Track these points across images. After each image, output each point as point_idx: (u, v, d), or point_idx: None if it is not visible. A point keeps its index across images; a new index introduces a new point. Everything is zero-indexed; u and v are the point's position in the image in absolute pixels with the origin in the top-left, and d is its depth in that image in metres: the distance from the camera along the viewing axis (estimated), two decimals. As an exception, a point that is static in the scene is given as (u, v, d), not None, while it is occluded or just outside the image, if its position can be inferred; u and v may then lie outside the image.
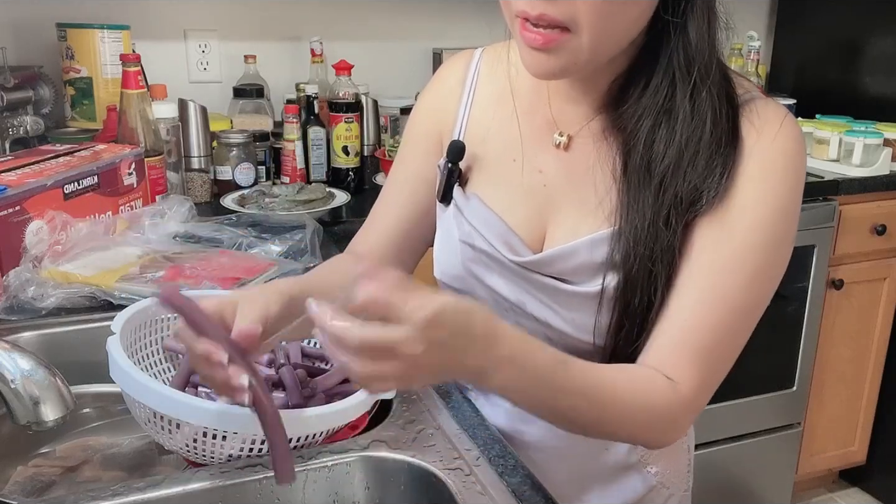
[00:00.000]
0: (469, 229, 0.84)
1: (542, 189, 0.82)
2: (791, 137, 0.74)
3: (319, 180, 1.84)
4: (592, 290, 0.77)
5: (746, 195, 0.73)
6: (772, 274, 0.76)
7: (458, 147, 0.85)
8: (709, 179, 0.72)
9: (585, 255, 0.77)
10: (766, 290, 0.76)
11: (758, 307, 0.76)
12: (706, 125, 0.72)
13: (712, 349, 0.74)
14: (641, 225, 0.73)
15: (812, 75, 2.58)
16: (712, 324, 0.73)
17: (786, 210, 0.74)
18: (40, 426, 0.70)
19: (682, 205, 0.73)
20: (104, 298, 1.09)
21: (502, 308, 0.85)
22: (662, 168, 0.73)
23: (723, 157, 0.72)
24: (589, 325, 0.78)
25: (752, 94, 0.76)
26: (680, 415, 0.74)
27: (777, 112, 0.75)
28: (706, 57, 0.72)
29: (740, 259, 0.73)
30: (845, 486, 2.48)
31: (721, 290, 0.73)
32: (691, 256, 0.74)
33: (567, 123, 0.81)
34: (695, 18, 0.71)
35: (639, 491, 0.90)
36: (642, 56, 0.74)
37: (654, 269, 0.73)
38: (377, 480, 0.78)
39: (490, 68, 0.88)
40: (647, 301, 0.75)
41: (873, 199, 2.10)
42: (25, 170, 1.19)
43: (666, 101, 0.73)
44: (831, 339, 2.19)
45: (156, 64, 1.89)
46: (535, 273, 0.80)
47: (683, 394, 0.73)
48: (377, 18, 2.19)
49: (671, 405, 0.73)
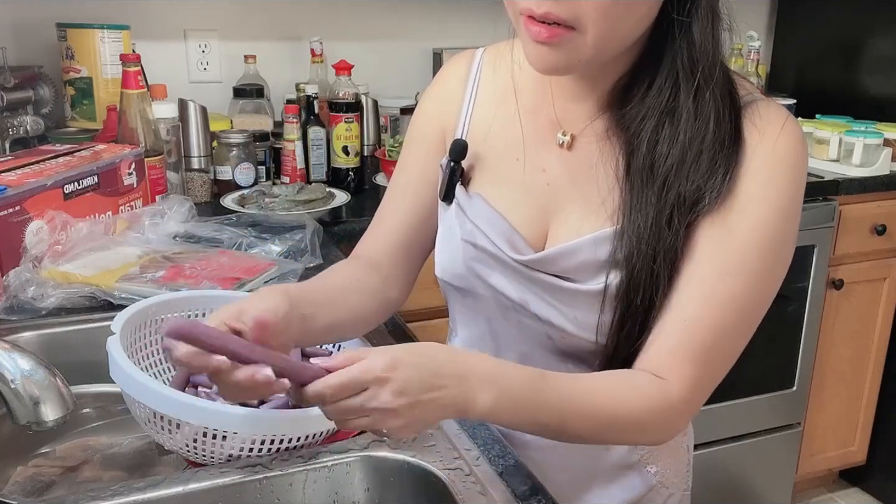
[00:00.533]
0: (471, 228, 0.84)
1: (545, 188, 0.82)
2: (793, 138, 0.74)
3: (319, 180, 1.84)
4: (595, 288, 0.77)
5: (749, 195, 0.73)
6: (773, 274, 0.76)
7: (461, 145, 0.85)
8: (711, 180, 0.72)
9: (588, 253, 0.78)
10: (768, 290, 0.76)
11: (759, 307, 0.76)
12: (709, 126, 0.72)
13: (711, 348, 0.74)
14: (644, 224, 0.73)
15: (812, 75, 2.58)
16: (712, 323, 0.74)
17: (788, 210, 0.74)
18: (40, 426, 0.71)
19: (684, 205, 0.73)
20: (104, 298, 1.10)
21: (504, 307, 0.85)
22: (665, 168, 0.73)
23: (725, 158, 0.73)
24: (591, 324, 0.78)
25: (755, 96, 0.76)
26: (672, 414, 0.74)
27: (779, 113, 0.75)
28: (710, 58, 0.72)
29: (742, 259, 0.73)
30: (845, 486, 2.48)
31: (722, 289, 0.73)
32: (693, 256, 0.74)
33: (571, 123, 0.81)
34: (699, 19, 0.71)
35: (639, 490, 0.90)
36: (646, 56, 0.74)
37: (657, 269, 0.74)
38: (377, 480, 0.78)
39: (492, 68, 0.88)
40: (648, 300, 0.75)
41: (873, 199, 2.10)
42: (25, 170, 1.19)
43: (669, 102, 0.73)
44: (831, 339, 2.19)
45: (156, 64, 1.89)
46: (537, 271, 0.81)
47: (676, 393, 0.73)
48: (377, 18, 2.19)
49: (661, 406, 0.73)
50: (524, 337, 0.85)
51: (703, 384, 0.75)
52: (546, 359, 0.85)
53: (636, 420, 0.74)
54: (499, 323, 0.87)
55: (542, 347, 0.85)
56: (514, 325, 0.85)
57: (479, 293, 0.86)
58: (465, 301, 0.89)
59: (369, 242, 0.94)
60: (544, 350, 0.85)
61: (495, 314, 0.86)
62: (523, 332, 0.85)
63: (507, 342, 0.87)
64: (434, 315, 1.60)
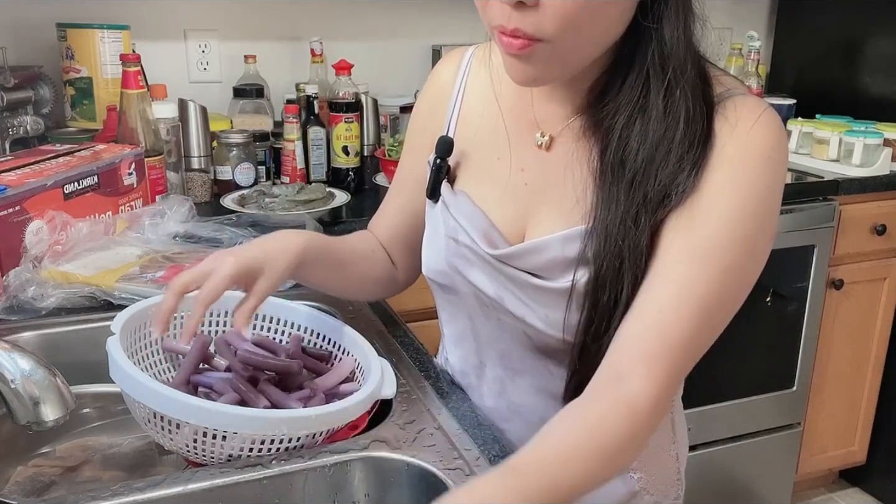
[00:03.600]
0: (454, 224, 0.85)
1: (523, 188, 0.83)
2: (768, 130, 0.73)
3: (319, 180, 1.84)
4: (563, 286, 0.77)
5: (717, 189, 0.72)
6: (746, 268, 0.74)
7: (446, 143, 0.86)
8: (679, 177, 0.72)
9: (557, 250, 0.78)
10: (740, 284, 0.74)
11: (729, 303, 0.74)
12: (679, 125, 0.72)
13: (677, 345, 0.71)
14: (613, 222, 0.73)
15: (812, 75, 2.58)
16: (680, 317, 0.71)
17: (760, 203, 0.73)
18: (40, 426, 0.71)
19: (651, 203, 0.72)
20: (104, 298, 1.10)
21: (484, 304, 0.85)
22: (636, 166, 0.73)
23: (693, 157, 0.72)
24: (560, 322, 0.78)
25: (733, 91, 0.75)
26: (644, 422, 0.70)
27: (755, 107, 0.74)
28: (682, 57, 0.72)
29: (709, 254, 0.71)
30: (845, 486, 2.48)
31: (689, 283, 0.71)
32: (660, 252, 0.73)
33: (549, 123, 0.82)
34: (670, 21, 0.71)
35: (620, 494, 0.89)
36: (622, 56, 0.74)
37: (622, 267, 0.73)
38: (377, 480, 0.78)
39: (480, 66, 0.89)
40: (615, 298, 0.74)
41: (873, 199, 2.10)
42: (25, 170, 1.19)
43: (640, 98, 0.73)
44: (831, 339, 2.19)
45: (156, 64, 1.89)
46: (509, 266, 0.81)
47: (643, 397, 0.69)
48: (377, 17, 2.19)
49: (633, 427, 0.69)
50: (504, 335, 0.86)
51: (671, 381, 0.72)
52: (524, 357, 0.85)
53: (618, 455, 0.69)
54: (479, 320, 0.88)
55: (520, 345, 0.85)
56: (493, 323, 0.86)
57: (460, 290, 0.87)
58: (448, 298, 0.90)
59: (375, 225, 1.02)
60: (523, 348, 0.85)
61: (476, 311, 0.87)
62: (503, 329, 0.85)
63: (487, 340, 0.88)
64: (434, 315, 1.60)
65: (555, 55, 0.69)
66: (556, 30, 0.67)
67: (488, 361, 0.89)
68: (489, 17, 0.70)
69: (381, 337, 1.03)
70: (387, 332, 1.05)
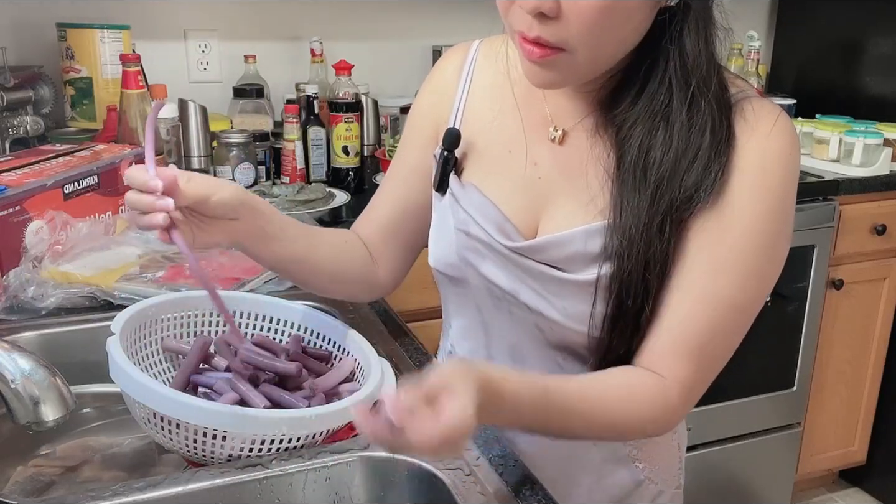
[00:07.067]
0: (465, 217, 0.85)
1: (536, 181, 0.83)
2: (785, 134, 0.74)
3: (319, 180, 1.84)
4: (586, 278, 0.78)
5: (741, 194, 0.73)
6: (767, 272, 0.76)
7: (454, 134, 0.86)
8: (706, 181, 0.73)
9: (580, 244, 0.78)
10: (762, 288, 0.76)
11: (753, 305, 0.76)
12: (705, 134, 0.73)
13: (705, 347, 0.75)
14: (636, 228, 0.74)
15: (812, 75, 2.58)
16: (706, 322, 0.74)
17: (781, 208, 0.75)
18: (40, 426, 0.71)
19: (676, 212, 0.73)
20: (104, 298, 1.10)
21: (495, 296, 0.85)
22: (658, 175, 0.73)
23: (718, 161, 0.73)
24: (581, 315, 0.79)
25: (747, 93, 0.76)
26: (669, 411, 0.76)
27: (771, 110, 0.75)
28: (704, 69, 0.72)
29: (735, 258, 0.74)
30: (845, 486, 2.48)
31: (715, 288, 0.74)
32: (686, 256, 0.75)
33: (562, 118, 0.82)
34: (690, 31, 0.72)
35: (627, 485, 0.91)
36: (640, 57, 0.74)
37: (648, 273, 0.74)
38: (377, 480, 0.78)
39: (487, 60, 0.89)
40: (640, 302, 0.75)
41: (873, 199, 2.10)
42: (25, 170, 1.19)
43: (663, 108, 0.74)
44: (831, 339, 2.19)
45: (156, 64, 1.89)
46: (528, 259, 0.81)
47: (674, 391, 0.75)
48: (377, 17, 2.19)
49: (663, 410, 0.76)
50: (514, 328, 0.86)
51: (699, 383, 0.77)
52: (536, 350, 0.85)
53: (638, 426, 0.77)
54: (489, 313, 0.87)
55: (532, 339, 0.85)
56: (504, 316, 0.86)
57: (470, 282, 0.87)
58: (456, 290, 0.90)
59: (362, 222, 0.98)
60: (534, 342, 0.85)
61: (486, 304, 0.87)
62: (514, 322, 0.85)
63: (497, 333, 0.88)
64: (434, 315, 1.60)
65: (574, 63, 0.70)
66: (577, 40, 0.68)
67: (497, 355, 0.89)
68: (511, 22, 0.71)
69: (381, 337, 1.03)
70: (387, 332, 1.05)
